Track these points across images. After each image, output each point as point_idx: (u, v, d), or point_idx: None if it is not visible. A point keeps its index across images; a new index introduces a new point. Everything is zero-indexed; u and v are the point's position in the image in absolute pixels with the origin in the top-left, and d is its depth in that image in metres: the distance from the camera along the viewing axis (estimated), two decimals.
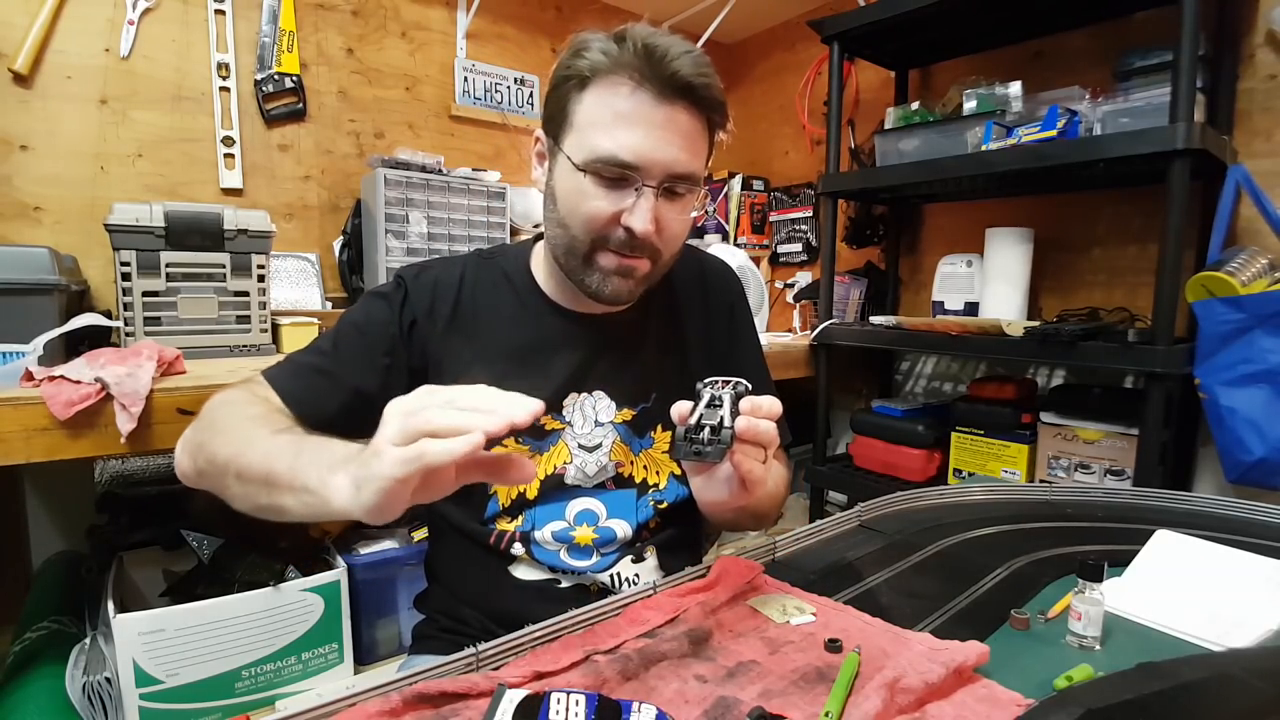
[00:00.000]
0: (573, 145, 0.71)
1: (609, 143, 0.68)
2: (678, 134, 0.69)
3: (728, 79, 2.81)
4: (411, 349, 0.79)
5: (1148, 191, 1.62)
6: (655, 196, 0.69)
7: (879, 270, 2.22)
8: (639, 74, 0.67)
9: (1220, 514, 0.93)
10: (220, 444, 0.64)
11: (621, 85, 0.68)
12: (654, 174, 0.69)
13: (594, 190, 0.70)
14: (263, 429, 0.64)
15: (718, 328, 0.90)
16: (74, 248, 1.54)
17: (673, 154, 0.69)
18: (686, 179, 0.71)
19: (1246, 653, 0.57)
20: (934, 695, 0.49)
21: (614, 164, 0.68)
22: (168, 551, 1.46)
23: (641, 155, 0.68)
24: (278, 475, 0.56)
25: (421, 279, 0.82)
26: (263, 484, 0.57)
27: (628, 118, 0.67)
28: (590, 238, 0.72)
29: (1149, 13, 1.61)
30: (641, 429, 0.83)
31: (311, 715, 0.45)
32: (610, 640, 0.56)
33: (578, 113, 0.70)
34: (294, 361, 0.78)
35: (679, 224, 0.74)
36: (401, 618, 1.48)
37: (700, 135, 0.71)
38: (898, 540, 0.82)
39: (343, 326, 0.80)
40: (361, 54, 1.98)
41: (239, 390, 0.74)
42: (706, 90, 0.69)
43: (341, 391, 0.75)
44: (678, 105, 0.68)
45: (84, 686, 1.08)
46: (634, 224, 0.69)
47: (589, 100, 0.69)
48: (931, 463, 1.82)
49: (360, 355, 0.77)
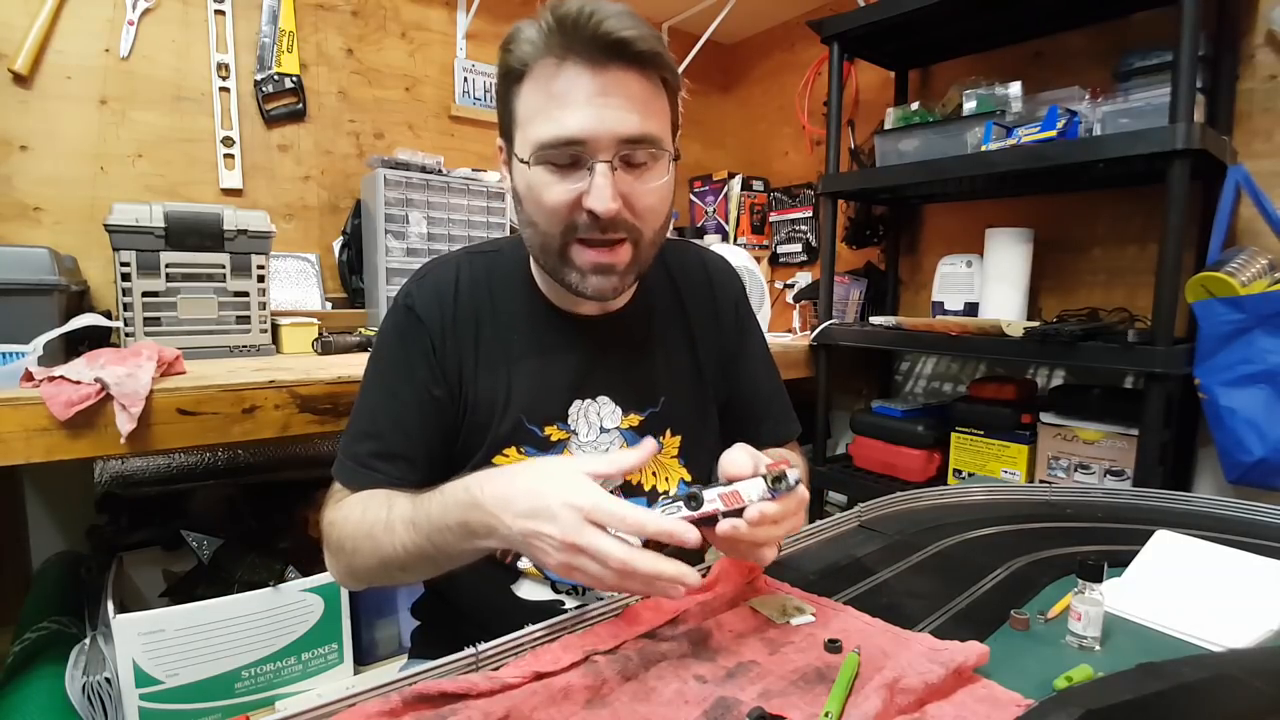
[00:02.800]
0: (520, 142, 0.68)
1: (549, 127, 0.64)
2: (619, 97, 0.64)
3: (728, 79, 2.81)
4: (445, 375, 0.76)
5: (1148, 191, 1.62)
6: (612, 170, 0.64)
7: (879, 270, 2.22)
8: (562, 48, 0.63)
9: (1220, 514, 0.93)
10: (364, 560, 0.68)
11: (549, 66, 0.64)
12: (602, 146, 0.64)
13: (548, 179, 0.66)
14: (382, 532, 0.66)
15: (727, 324, 0.87)
16: (74, 248, 1.54)
17: (618, 118, 0.63)
18: (642, 142, 0.65)
19: (1246, 653, 0.57)
20: (934, 695, 0.49)
21: (558, 145, 0.64)
22: (168, 551, 1.46)
23: (584, 129, 0.63)
24: (432, 557, 0.64)
25: (424, 290, 0.78)
26: (429, 565, 0.66)
27: (562, 96, 0.63)
28: (559, 230, 0.68)
29: (1149, 13, 1.61)
30: (649, 434, 0.79)
31: (311, 715, 0.45)
32: (610, 640, 0.56)
33: (519, 108, 0.67)
34: (355, 458, 0.74)
35: (651, 194, 0.68)
36: (401, 618, 1.48)
37: (650, 93, 0.66)
38: (898, 540, 0.82)
39: (377, 394, 0.77)
40: (361, 54, 1.98)
41: (338, 509, 0.72)
42: (640, 43, 0.63)
43: (412, 460, 0.74)
44: (611, 67, 0.63)
45: (84, 687, 1.08)
46: (594, 205, 0.64)
47: (525, 92, 0.66)
48: (931, 463, 1.82)
49: (406, 415, 0.75)
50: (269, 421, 1.12)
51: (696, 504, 0.55)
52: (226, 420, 1.09)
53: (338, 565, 0.73)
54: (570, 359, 0.78)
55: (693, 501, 0.55)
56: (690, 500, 0.55)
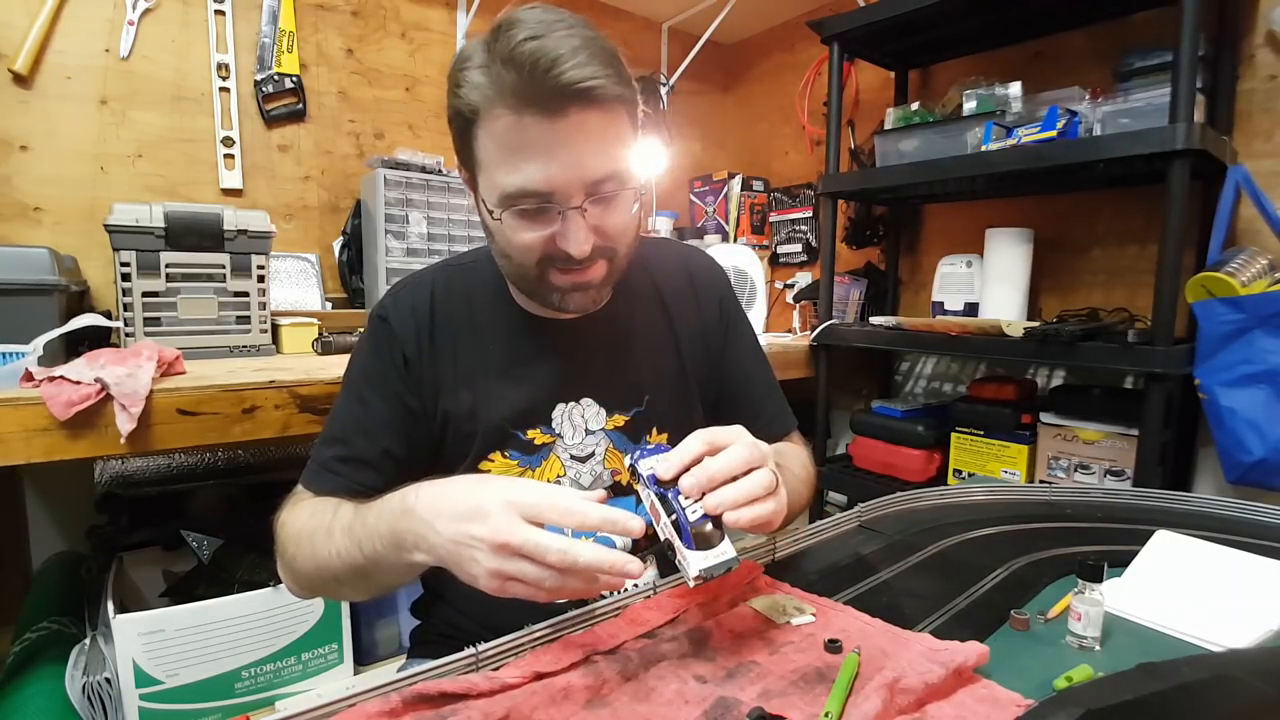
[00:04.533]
0: (485, 186, 0.67)
1: (515, 178, 0.63)
2: (582, 141, 0.62)
3: (728, 79, 2.81)
4: (420, 387, 0.76)
5: (1148, 192, 1.62)
6: (583, 213, 0.64)
7: (879, 270, 2.22)
8: (517, 98, 0.60)
9: (1220, 514, 0.93)
10: (303, 564, 0.68)
11: (504, 117, 0.61)
12: (572, 193, 0.63)
13: (519, 224, 0.65)
14: (322, 537, 0.65)
15: (710, 320, 0.87)
16: (74, 248, 1.54)
17: (584, 165, 0.62)
18: (608, 180, 0.65)
19: (1246, 653, 0.57)
20: (934, 696, 0.49)
21: (526, 197, 0.63)
22: (168, 552, 1.46)
23: (550, 181, 0.62)
24: (364, 570, 0.62)
25: (399, 304, 0.78)
26: (361, 579, 0.64)
27: (522, 148, 0.62)
28: (533, 262, 0.68)
29: (1149, 13, 1.61)
30: (636, 434, 0.80)
31: (311, 715, 0.45)
32: (610, 640, 0.56)
33: (478, 150, 0.66)
34: (319, 461, 0.75)
35: (622, 219, 0.68)
36: (401, 618, 1.48)
37: (610, 128, 0.64)
38: (898, 541, 0.82)
39: (346, 402, 0.78)
40: (361, 54, 1.98)
41: (291, 510, 0.73)
42: (600, 90, 0.60)
43: (377, 467, 0.74)
44: (571, 113, 0.60)
45: (84, 687, 1.08)
46: (568, 249, 0.65)
47: (482, 138, 0.64)
48: (931, 463, 1.82)
49: (373, 422, 0.75)
50: (269, 421, 1.12)
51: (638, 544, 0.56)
52: (226, 420, 1.09)
53: (281, 566, 0.72)
54: (551, 363, 0.78)
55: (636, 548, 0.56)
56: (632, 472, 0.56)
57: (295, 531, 0.69)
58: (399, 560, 0.58)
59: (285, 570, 0.72)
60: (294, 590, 0.74)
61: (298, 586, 0.73)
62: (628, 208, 0.69)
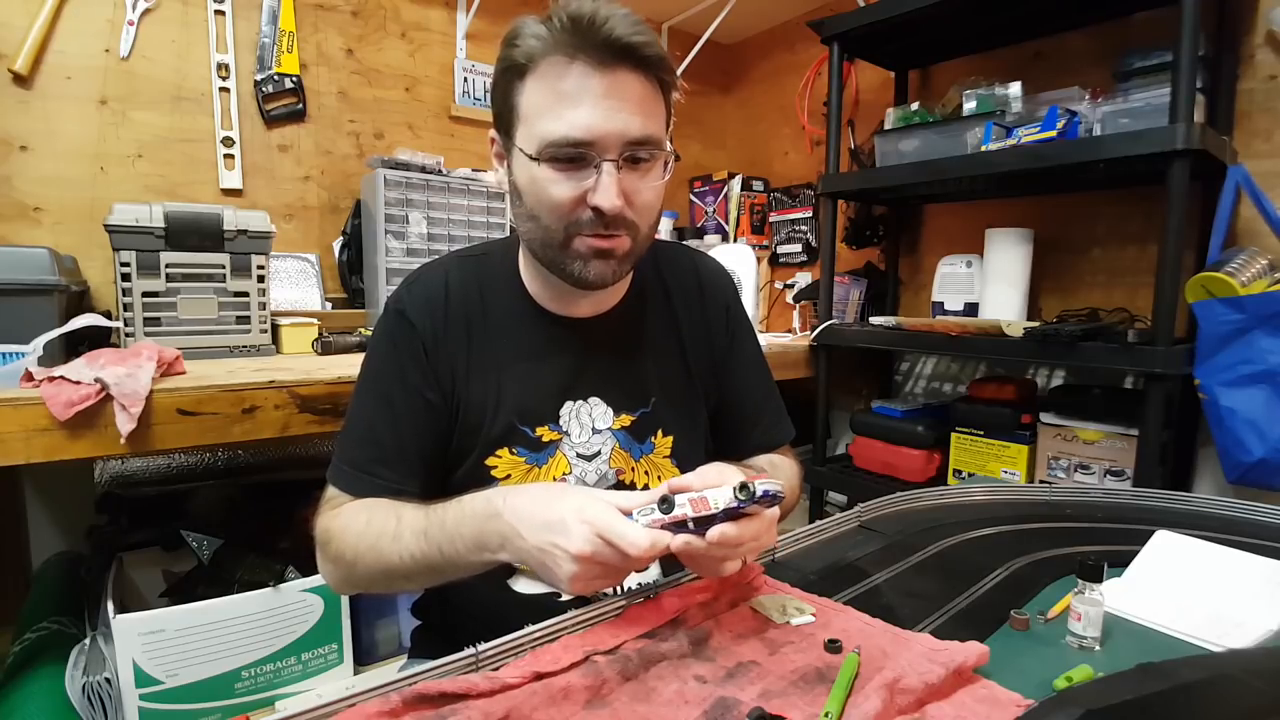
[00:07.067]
0: (524, 137, 0.68)
1: (558, 125, 0.65)
2: (626, 99, 0.66)
3: (728, 79, 2.81)
4: (438, 379, 0.76)
5: (1148, 192, 1.62)
6: (617, 169, 0.67)
7: (879, 271, 2.22)
8: (572, 47, 0.64)
9: (1220, 514, 0.93)
10: (366, 570, 0.69)
11: (558, 64, 0.65)
12: (610, 146, 0.66)
13: (554, 176, 0.67)
14: (388, 542, 0.67)
15: (716, 327, 0.88)
16: (74, 248, 1.54)
17: (625, 120, 0.66)
18: (646, 143, 0.67)
19: (1246, 653, 0.57)
20: (934, 696, 0.49)
21: (567, 145, 0.65)
22: (168, 552, 1.46)
23: (593, 130, 0.65)
24: (439, 568, 0.66)
25: (415, 295, 0.78)
26: (434, 576, 0.68)
27: (571, 95, 0.65)
28: (563, 224, 0.69)
29: (1149, 13, 1.61)
30: (642, 434, 0.81)
31: (311, 715, 0.45)
32: (610, 640, 0.56)
33: (522, 103, 0.68)
34: (354, 464, 0.75)
35: (649, 192, 0.70)
36: (401, 618, 1.48)
37: (652, 96, 0.68)
38: (898, 541, 0.82)
39: (372, 400, 0.77)
40: (361, 54, 1.98)
41: (338, 517, 0.73)
42: (647, 48, 0.65)
43: (410, 466, 0.75)
44: (620, 69, 0.65)
45: (84, 687, 1.08)
46: (600, 202, 0.66)
47: (530, 88, 0.67)
48: (931, 463, 1.82)
49: (402, 421, 0.75)
50: (269, 422, 1.12)
51: (669, 506, 0.57)
52: (226, 420, 1.09)
53: (335, 573, 0.73)
54: (561, 361, 0.79)
55: (664, 504, 0.57)
56: (663, 503, 0.57)
57: (354, 542, 0.70)
58: (478, 559, 0.64)
59: (340, 577, 0.74)
60: (343, 591, 0.80)
61: (350, 589, 0.76)
62: (657, 179, 0.71)
